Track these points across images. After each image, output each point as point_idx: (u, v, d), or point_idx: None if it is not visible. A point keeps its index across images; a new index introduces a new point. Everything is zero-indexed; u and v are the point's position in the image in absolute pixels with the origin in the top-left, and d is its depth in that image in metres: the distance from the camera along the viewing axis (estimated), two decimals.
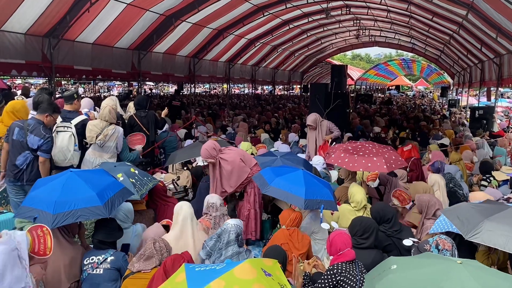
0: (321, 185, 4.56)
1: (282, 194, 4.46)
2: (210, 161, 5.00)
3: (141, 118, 6.83)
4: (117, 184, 3.92)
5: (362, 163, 5.42)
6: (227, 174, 4.94)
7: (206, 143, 5.11)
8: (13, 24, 9.21)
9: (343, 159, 5.59)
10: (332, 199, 4.49)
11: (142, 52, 13.94)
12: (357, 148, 5.77)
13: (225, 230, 3.75)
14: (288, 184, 4.45)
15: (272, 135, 11.13)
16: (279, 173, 4.67)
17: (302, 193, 4.31)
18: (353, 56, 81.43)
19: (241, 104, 23.07)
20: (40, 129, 4.81)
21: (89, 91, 33.39)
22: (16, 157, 4.76)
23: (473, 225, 3.36)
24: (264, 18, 16.34)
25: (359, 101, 24.08)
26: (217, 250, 3.72)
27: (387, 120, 15.32)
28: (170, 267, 3.06)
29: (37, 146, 4.78)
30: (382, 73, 41.53)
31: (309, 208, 4.43)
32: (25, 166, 4.79)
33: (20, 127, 4.76)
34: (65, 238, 3.61)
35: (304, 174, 4.58)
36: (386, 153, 5.56)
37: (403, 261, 2.84)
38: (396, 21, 17.79)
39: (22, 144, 4.75)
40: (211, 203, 4.52)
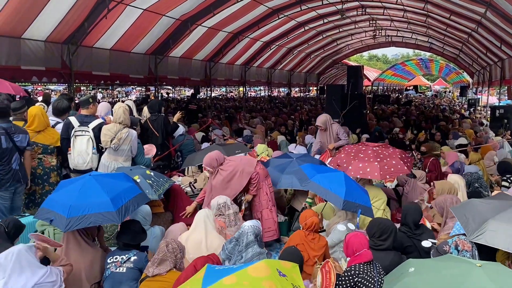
0: (360, 190, 4.55)
1: (322, 191, 4.47)
2: (208, 170, 5.02)
3: (152, 121, 6.90)
4: (134, 189, 3.93)
5: (357, 168, 5.31)
6: (223, 185, 4.93)
7: (212, 152, 5.14)
8: (33, 32, 9.43)
9: (342, 160, 5.53)
10: (370, 206, 4.47)
11: (159, 57, 14.09)
12: (360, 151, 5.62)
13: (243, 232, 3.77)
14: (329, 183, 4.46)
15: (289, 137, 11.11)
16: (320, 170, 4.71)
17: (342, 193, 4.31)
18: (369, 56, 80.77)
19: (257, 107, 23.08)
20: (19, 128, 4.93)
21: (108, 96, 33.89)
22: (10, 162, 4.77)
23: (477, 224, 3.29)
24: (279, 21, 16.34)
25: (376, 102, 23.85)
26: (236, 253, 3.73)
27: (404, 121, 15.15)
28: (200, 268, 3.08)
29: (27, 143, 4.90)
30: (400, 73, 41.07)
31: (346, 210, 4.42)
32: (18, 166, 4.85)
33: (4, 134, 4.74)
34: (84, 241, 3.68)
35: (345, 176, 4.59)
36: (387, 158, 5.38)
37: (421, 264, 2.80)
38: (413, 21, 17.59)
39: (12, 149, 4.77)
40: (221, 203, 4.54)
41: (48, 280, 3.01)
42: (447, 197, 4.80)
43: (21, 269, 2.92)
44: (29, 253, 3.03)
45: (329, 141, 7.45)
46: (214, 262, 3.23)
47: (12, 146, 4.76)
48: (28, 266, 2.97)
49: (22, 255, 2.95)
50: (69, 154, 5.40)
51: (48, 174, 5.37)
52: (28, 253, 3.03)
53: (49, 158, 5.40)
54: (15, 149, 4.80)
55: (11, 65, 9.17)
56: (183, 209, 5.09)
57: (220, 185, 4.92)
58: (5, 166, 4.74)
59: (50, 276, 3.04)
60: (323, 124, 7.45)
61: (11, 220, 3.66)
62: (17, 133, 4.81)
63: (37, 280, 2.97)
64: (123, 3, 10.32)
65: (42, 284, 2.98)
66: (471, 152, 8.12)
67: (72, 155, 5.37)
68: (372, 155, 5.41)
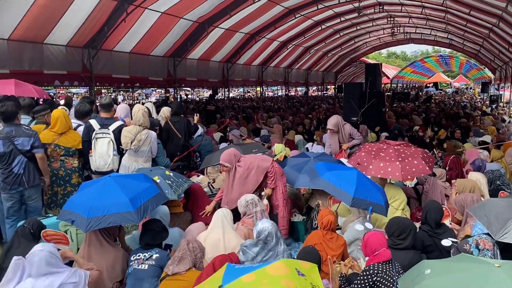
0: (374, 188, 4.50)
1: (331, 188, 4.46)
2: (226, 165, 5.05)
3: (174, 123, 6.98)
4: (152, 189, 3.99)
5: (378, 167, 5.22)
6: (240, 181, 4.98)
7: (229, 149, 5.21)
8: (54, 37, 9.66)
9: (362, 159, 5.46)
10: (383, 203, 4.41)
11: (177, 59, 14.24)
12: (381, 149, 5.52)
13: (269, 233, 3.77)
14: (339, 180, 4.44)
15: (306, 137, 11.09)
16: (332, 168, 4.70)
17: (352, 190, 4.29)
18: (388, 54, 79.79)
19: (274, 106, 23.08)
20: (23, 130, 4.89)
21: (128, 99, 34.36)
22: (11, 166, 4.80)
23: (501, 223, 3.21)
24: (296, 20, 16.31)
25: (396, 99, 23.56)
26: (265, 252, 3.75)
27: (424, 119, 14.94)
28: (218, 266, 3.13)
29: (30, 145, 4.84)
30: (419, 70, 40.47)
31: (356, 207, 4.41)
32: (22, 170, 4.84)
33: (3, 139, 4.78)
34: (106, 241, 3.76)
35: (359, 175, 4.55)
36: (408, 158, 5.28)
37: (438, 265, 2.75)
38: (431, 17, 17.33)
39: (12, 152, 4.79)
40: (249, 200, 4.54)
41: (70, 280, 3.09)
42: (468, 195, 4.74)
43: (46, 270, 3.00)
44: (53, 253, 3.11)
45: (341, 143, 7.32)
46: (233, 261, 3.26)
47: (12, 149, 4.76)
48: (52, 267, 3.05)
49: (47, 255, 3.02)
50: (91, 156, 5.52)
51: (70, 176, 5.49)
52: (52, 253, 3.12)
53: (71, 160, 5.52)
54: (17, 153, 4.80)
55: (34, 69, 9.41)
56: (202, 209, 5.15)
57: (238, 182, 4.98)
58: (5, 170, 4.79)
59: (73, 276, 3.12)
60: (334, 127, 7.28)
61: (34, 221, 3.77)
62: (17, 136, 4.79)
63: (62, 280, 3.05)
64: (141, 7, 10.47)
65: (65, 285, 3.06)
66: (493, 150, 7.96)
67: (94, 157, 5.48)
68: (393, 154, 5.31)
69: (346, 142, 7.29)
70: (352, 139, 7.35)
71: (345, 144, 7.24)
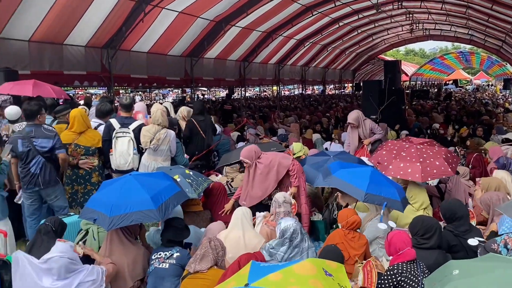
0: (388, 184, 4.43)
1: (342, 185, 4.41)
2: (246, 162, 5.02)
3: (199, 122, 6.97)
4: (173, 187, 4.00)
5: (398, 168, 5.09)
6: (261, 178, 4.95)
7: (249, 146, 5.20)
8: (74, 37, 9.79)
9: (383, 158, 5.35)
10: (398, 199, 4.32)
11: (194, 58, 14.30)
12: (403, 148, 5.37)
13: (294, 230, 3.75)
14: (352, 177, 4.39)
15: (324, 135, 10.99)
16: (346, 166, 4.65)
17: (364, 186, 4.23)
18: (406, 51, 78.74)
19: (291, 105, 22.99)
20: (42, 130, 4.90)
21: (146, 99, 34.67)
22: (29, 165, 4.85)
23: None
24: (313, 18, 16.21)
25: (415, 97, 23.23)
26: (291, 249, 3.72)
27: (444, 116, 14.66)
28: (244, 265, 3.10)
29: (50, 146, 4.86)
30: (438, 67, 39.87)
31: (369, 202, 4.35)
32: (38, 170, 4.86)
33: (22, 138, 4.81)
34: (127, 239, 3.77)
35: (373, 171, 4.50)
36: (430, 158, 5.12)
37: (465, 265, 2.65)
38: (452, 13, 17.02)
39: (30, 152, 4.81)
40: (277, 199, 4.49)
41: (88, 278, 3.11)
42: (493, 194, 4.61)
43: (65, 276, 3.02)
44: (72, 258, 3.13)
45: (362, 138, 7.19)
46: (258, 260, 3.24)
47: (30, 149, 4.79)
48: (71, 265, 3.07)
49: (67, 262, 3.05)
50: (111, 155, 5.55)
51: (90, 174, 5.52)
52: (72, 259, 3.14)
53: (91, 159, 5.57)
54: (36, 153, 4.82)
55: (55, 70, 9.56)
56: (222, 208, 5.14)
57: (258, 179, 4.95)
58: (23, 169, 4.84)
59: (91, 274, 3.14)
60: (355, 121, 7.16)
61: (56, 220, 3.81)
62: (37, 137, 4.82)
63: (80, 279, 3.07)
64: (159, 6, 10.54)
65: (83, 283, 3.08)
66: None
67: (114, 156, 5.51)
68: (415, 154, 5.16)
69: (367, 137, 7.15)
70: (373, 134, 7.19)
71: (367, 139, 7.11)
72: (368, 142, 7.06)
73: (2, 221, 4.44)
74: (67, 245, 3.24)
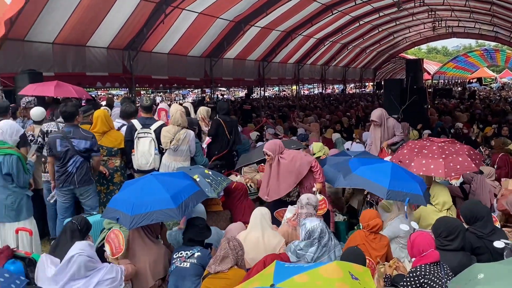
0: (410, 179, 4.35)
1: (364, 182, 4.37)
2: (269, 155, 5.01)
3: (227, 122, 6.98)
4: (192, 186, 4.04)
5: (420, 164, 4.99)
6: (284, 173, 4.92)
7: (274, 140, 5.19)
8: (96, 39, 9.96)
9: (404, 157, 5.26)
10: (420, 193, 4.24)
11: (214, 59, 14.37)
12: (424, 147, 5.28)
13: (322, 230, 3.73)
14: (372, 173, 4.34)
15: (345, 135, 10.89)
16: (365, 163, 4.60)
17: (386, 183, 4.18)
18: (428, 49, 77.44)
19: (310, 105, 22.87)
20: (80, 132, 5.01)
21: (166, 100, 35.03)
22: (66, 165, 4.95)
23: None
24: (333, 16, 16.09)
25: (437, 96, 22.82)
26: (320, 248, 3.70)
27: (468, 115, 14.35)
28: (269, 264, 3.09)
29: (86, 148, 4.95)
30: (462, 65, 39.06)
31: (392, 199, 4.29)
32: (75, 169, 4.97)
33: (60, 138, 4.92)
34: (149, 238, 3.82)
35: (393, 166, 4.43)
36: (453, 154, 5.02)
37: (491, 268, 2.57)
38: (476, 9, 16.65)
39: (68, 151, 4.91)
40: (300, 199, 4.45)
41: (107, 276, 3.15)
42: None
43: (85, 268, 3.07)
44: (91, 256, 3.17)
45: (384, 138, 7.03)
46: (284, 261, 3.22)
47: (68, 149, 4.90)
48: (90, 263, 3.11)
49: (85, 253, 3.09)
50: (133, 155, 5.63)
51: (112, 175, 5.61)
52: (91, 257, 3.19)
53: (113, 159, 5.65)
54: (74, 153, 4.93)
55: (78, 72, 9.74)
56: (242, 208, 5.14)
57: (282, 174, 4.92)
58: (61, 168, 4.95)
59: (110, 272, 3.18)
60: (378, 119, 7.00)
61: (82, 219, 3.88)
62: (75, 137, 4.93)
63: (99, 278, 3.11)
64: (179, 8, 10.63)
65: (103, 281, 3.12)
66: None
67: (136, 156, 5.59)
68: (437, 151, 5.07)
69: (389, 137, 7.01)
70: (394, 135, 7.04)
71: (385, 142, 6.97)
72: (386, 144, 6.92)
73: (27, 220, 4.55)
74: (85, 243, 3.30)
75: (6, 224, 4.41)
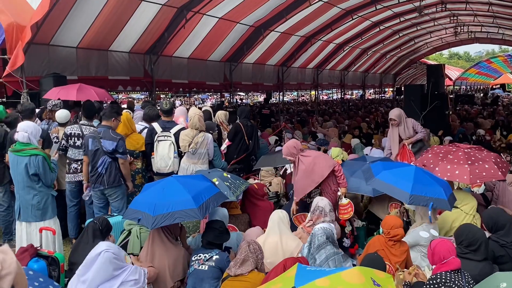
0: (434, 182, 4.26)
1: (386, 187, 4.32)
2: (290, 159, 4.99)
3: (247, 127, 7.02)
4: (212, 188, 4.10)
5: (445, 170, 4.90)
6: (306, 174, 4.85)
7: (288, 142, 5.12)
8: (119, 44, 10.14)
9: (428, 161, 5.17)
10: (445, 197, 4.14)
11: (233, 63, 14.46)
12: (450, 152, 5.19)
13: (313, 234, 3.74)
14: (395, 178, 4.29)
15: (364, 141, 10.80)
16: (388, 167, 4.55)
17: (409, 187, 4.11)
18: (450, 55, 76.40)
19: (329, 110, 22.77)
20: (109, 133, 5.12)
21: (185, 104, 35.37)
22: (96, 165, 5.09)
23: None
24: (353, 22, 16.03)
25: (459, 102, 22.46)
26: (310, 256, 3.70)
27: (492, 122, 14.06)
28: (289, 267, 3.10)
29: (112, 149, 5.05)
30: (484, 71, 38.33)
31: (415, 204, 4.22)
32: (104, 170, 5.09)
33: (92, 137, 5.08)
34: (168, 240, 3.86)
35: (416, 170, 4.35)
36: (479, 161, 4.91)
37: None
38: (499, 14, 16.35)
39: (98, 151, 5.07)
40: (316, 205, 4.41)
41: (131, 277, 3.19)
42: None
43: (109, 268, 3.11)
44: (117, 254, 3.22)
45: (404, 137, 6.81)
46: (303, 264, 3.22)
47: (98, 149, 5.05)
48: (115, 264, 3.16)
49: (110, 254, 3.14)
50: (153, 158, 5.72)
51: (134, 177, 5.70)
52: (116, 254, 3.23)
53: (134, 162, 5.75)
54: (103, 153, 5.07)
55: (100, 75, 9.93)
56: (260, 211, 5.14)
57: (304, 173, 4.84)
58: (92, 167, 5.12)
59: (133, 273, 3.22)
60: (397, 118, 6.78)
61: (103, 219, 3.95)
62: (104, 138, 5.07)
63: (123, 278, 3.15)
64: (200, 13, 10.74)
65: (126, 282, 3.16)
66: None
67: (155, 159, 5.68)
68: (462, 157, 4.98)
69: (409, 136, 6.77)
70: (416, 133, 6.81)
71: (408, 139, 6.73)
72: (410, 141, 6.71)
73: (52, 219, 4.66)
74: (111, 243, 3.35)
75: (32, 224, 4.54)
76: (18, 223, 4.62)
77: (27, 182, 4.49)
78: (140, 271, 3.33)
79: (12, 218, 5.54)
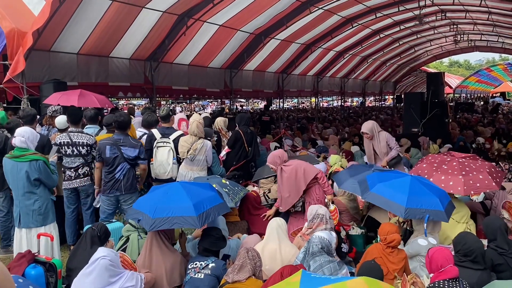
0: (430, 193, 4.22)
1: (381, 201, 4.29)
2: (272, 167, 5.13)
3: (247, 134, 7.02)
4: (216, 198, 4.08)
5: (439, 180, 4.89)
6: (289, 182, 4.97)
7: (275, 151, 5.25)
8: (119, 50, 10.18)
9: (423, 171, 5.17)
10: (441, 209, 4.11)
11: (234, 70, 14.51)
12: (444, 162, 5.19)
13: (309, 241, 3.73)
14: (390, 191, 4.25)
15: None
16: (384, 178, 4.50)
17: (404, 200, 4.08)
18: (450, 63, 76.57)
19: (329, 117, 22.79)
20: (130, 140, 5.17)
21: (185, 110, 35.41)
22: (114, 171, 5.11)
23: None
24: (353, 29, 16.09)
25: (459, 110, 22.48)
26: (305, 262, 3.69)
27: (492, 130, 14.06)
28: (286, 276, 3.08)
29: (134, 156, 5.11)
30: (484, 79, 38.42)
31: (411, 218, 4.22)
32: (122, 176, 5.12)
33: (110, 144, 5.09)
34: (166, 246, 3.86)
35: (412, 181, 4.31)
36: (473, 172, 4.92)
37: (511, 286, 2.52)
38: (499, 23, 16.41)
39: (117, 158, 5.08)
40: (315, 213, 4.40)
41: (128, 284, 3.18)
42: None
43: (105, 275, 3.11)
44: (113, 261, 3.22)
45: (377, 152, 6.60)
46: None
47: (117, 156, 5.07)
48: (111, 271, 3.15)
49: (106, 261, 3.13)
50: (152, 164, 5.72)
51: None
52: (114, 256, 3.23)
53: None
54: (122, 160, 5.10)
55: (100, 81, 9.95)
56: (257, 218, 5.15)
57: (286, 183, 4.97)
58: (109, 174, 5.13)
59: (130, 280, 3.21)
60: (369, 131, 6.51)
61: (101, 226, 3.95)
62: (125, 145, 5.11)
63: (120, 285, 3.14)
64: (201, 20, 10.80)
65: None
66: None
67: (154, 165, 5.68)
68: (457, 167, 4.99)
69: (382, 151, 6.53)
70: (389, 148, 6.52)
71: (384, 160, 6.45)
72: (385, 163, 6.40)
73: (52, 224, 4.66)
74: (110, 250, 3.35)
75: (33, 230, 4.53)
76: (17, 230, 4.61)
77: (28, 187, 4.49)
78: (137, 276, 3.32)
79: (11, 224, 5.52)
